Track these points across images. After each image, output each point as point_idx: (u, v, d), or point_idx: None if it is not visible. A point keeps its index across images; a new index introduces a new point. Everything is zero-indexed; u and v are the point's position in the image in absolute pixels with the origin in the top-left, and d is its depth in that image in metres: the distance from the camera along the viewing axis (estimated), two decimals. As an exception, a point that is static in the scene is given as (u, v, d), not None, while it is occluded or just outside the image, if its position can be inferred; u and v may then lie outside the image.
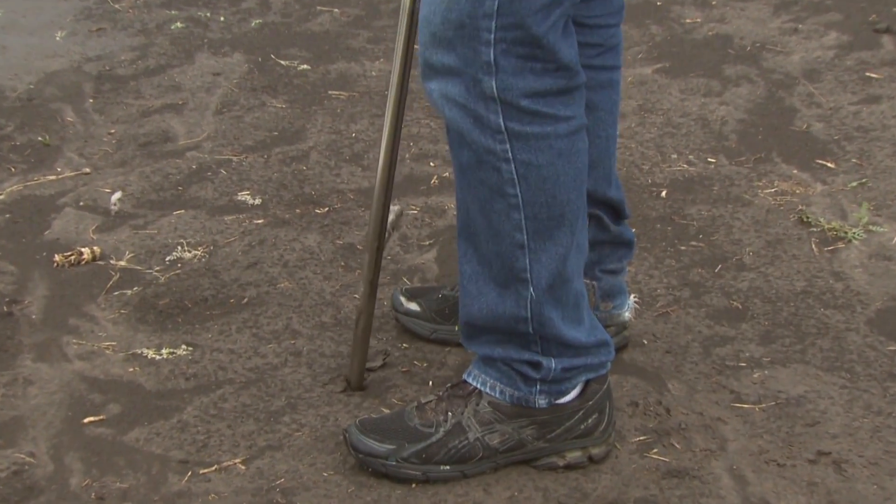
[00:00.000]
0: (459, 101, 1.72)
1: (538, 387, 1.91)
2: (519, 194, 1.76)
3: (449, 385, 1.97)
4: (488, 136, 1.72)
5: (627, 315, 2.25)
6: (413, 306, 2.28)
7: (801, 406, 2.11)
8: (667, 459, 1.99)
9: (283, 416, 2.11)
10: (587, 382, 1.94)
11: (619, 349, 2.24)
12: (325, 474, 1.96)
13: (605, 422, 1.95)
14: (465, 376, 1.95)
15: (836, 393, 2.15)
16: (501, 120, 1.71)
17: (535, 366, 1.89)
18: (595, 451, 1.95)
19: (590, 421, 1.94)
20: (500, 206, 1.77)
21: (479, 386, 1.93)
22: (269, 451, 2.02)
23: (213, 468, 1.99)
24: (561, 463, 1.94)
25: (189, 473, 1.97)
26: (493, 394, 1.92)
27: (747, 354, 2.26)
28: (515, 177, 1.74)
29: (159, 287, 2.51)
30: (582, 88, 1.75)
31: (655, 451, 2.01)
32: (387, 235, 2.02)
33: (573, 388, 1.93)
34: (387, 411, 2.09)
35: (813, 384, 2.17)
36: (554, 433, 1.93)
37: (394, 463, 1.90)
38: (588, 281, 2.18)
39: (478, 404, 1.91)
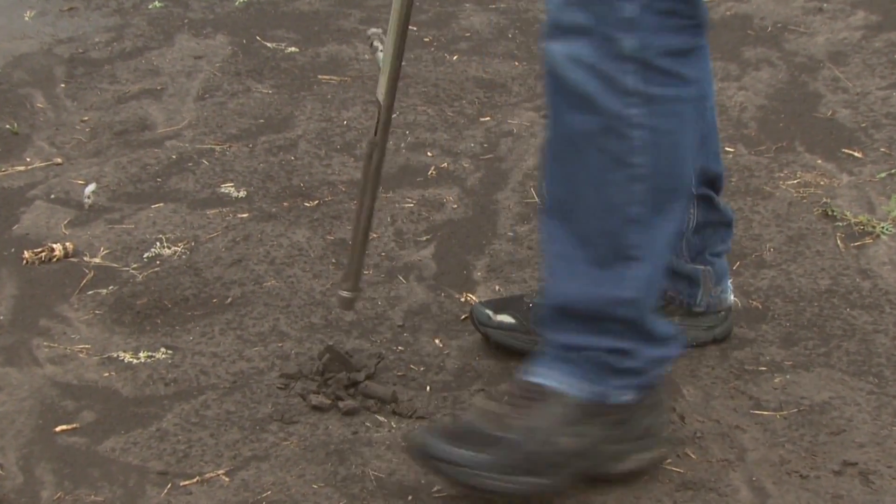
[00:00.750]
0: (588, 61, 1.70)
1: (620, 380, 1.89)
2: (643, 164, 1.75)
3: (515, 386, 1.93)
4: (619, 99, 1.71)
5: (732, 297, 2.30)
6: (506, 318, 2.24)
7: (825, 413, 2.11)
8: (681, 470, 1.99)
9: (269, 425, 2.11)
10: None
11: (724, 338, 2.29)
12: (315, 486, 1.96)
13: (665, 422, 1.95)
14: (530, 377, 1.92)
15: (862, 399, 2.15)
16: (636, 81, 1.70)
17: (624, 354, 1.87)
18: (657, 453, 1.95)
19: (654, 420, 1.94)
20: (618, 177, 1.76)
21: (550, 384, 1.90)
22: (254, 461, 2.03)
23: (195, 480, 1.99)
24: (630, 466, 1.93)
25: (169, 486, 1.98)
26: (567, 392, 1.89)
27: (768, 358, 2.26)
28: (644, 144, 1.74)
29: (137, 286, 2.51)
30: (703, 49, 1.76)
31: (669, 461, 2.01)
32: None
33: (653, 381, 1.92)
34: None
35: (838, 390, 2.17)
36: (626, 432, 1.92)
37: (484, 473, 1.85)
38: (702, 267, 2.23)
39: (551, 406, 1.89)
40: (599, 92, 1.72)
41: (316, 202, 2.83)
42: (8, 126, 3.18)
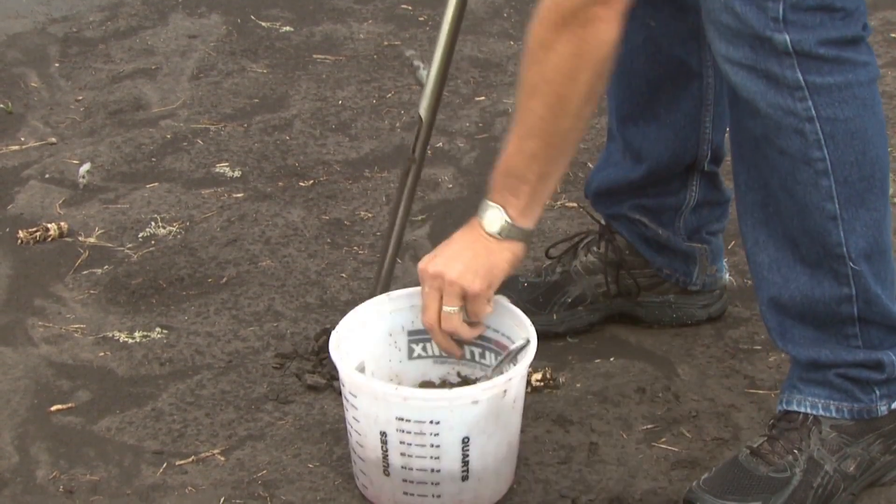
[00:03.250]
0: (747, 63, 1.69)
1: (879, 390, 1.84)
2: (826, 157, 1.72)
3: (772, 420, 1.89)
4: (786, 94, 1.69)
5: (727, 276, 2.31)
6: (502, 301, 2.24)
7: (820, 392, 2.11)
8: (676, 449, 1.99)
9: (264, 404, 2.11)
10: None
11: (719, 316, 2.29)
12: (311, 466, 1.96)
13: None
14: (787, 406, 1.87)
15: (857, 378, 2.15)
16: (799, 74, 1.68)
17: (875, 366, 1.82)
18: None
19: None
20: (805, 176, 1.73)
21: (812, 411, 1.85)
22: (249, 441, 2.03)
23: (190, 459, 1.99)
24: None
25: (164, 465, 1.98)
26: (831, 415, 1.84)
27: (762, 337, 2.26)
28: (821, 137, 1.71)
29: (131, 266, 2.51)
30: (867, 31, 1.74)
31: (664, 440, 2.01)
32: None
33: None
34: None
35: (833, 368, 2.18)
36: None
37: None
38: (698, 245, 2.23)
39: (820, 432, 1.84)
40: (763, 91, 1.69)
41: (311, 182, 2.82)
42: (2, 105, 3.16)
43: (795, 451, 1.83)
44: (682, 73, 2.09)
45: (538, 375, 2.14)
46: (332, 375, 2.14)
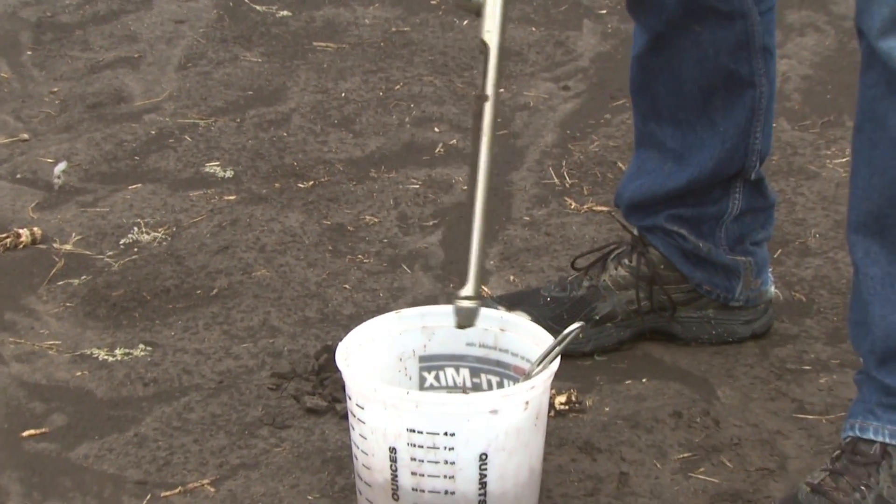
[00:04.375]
0: None
1: None
2: None
3: (837, 451, 1.88)
4: None
5: (773, 289, 2.31)
6: (521, 320, 2.23)
7: (876, 417, 2.12)
8: (716, 480, 2.00)
9: (259, 429, 2.12)
10: None
11: (764, 333, 2.29)
12: (310, 498, 1.97)
13: None
14: (861, 433, 1.86)
15: (918, 402, 2.15)
16: None
17: None
18: None
19: None
20: None
21: (891, 440, 1.84)
22: (242, 470, 2.03)
23: (177, 490, 2.00)
24: None
25: (148, 496, 1.99)
26: None
27: (812, 356, 2.26)
28: None
29: (112, 276, 2.52)
30: None
31: (702, 470, 2.01)
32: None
33: None
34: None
35: (890, 391, 2.18)
36: None
37: None
38: (742, 258, 2.24)
39: (891, 467, 1.83)
40: None
41: (311, 183, 2.83)
42: (-31, 98, 3.18)
43: (863, 487, 1.82)
44: (733, 82, 2.13)
45: (562, 398, 2.14)
46: (334, 397, 2.15)
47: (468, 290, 1.79)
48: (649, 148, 2.22)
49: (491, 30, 1.85)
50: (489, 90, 1.82)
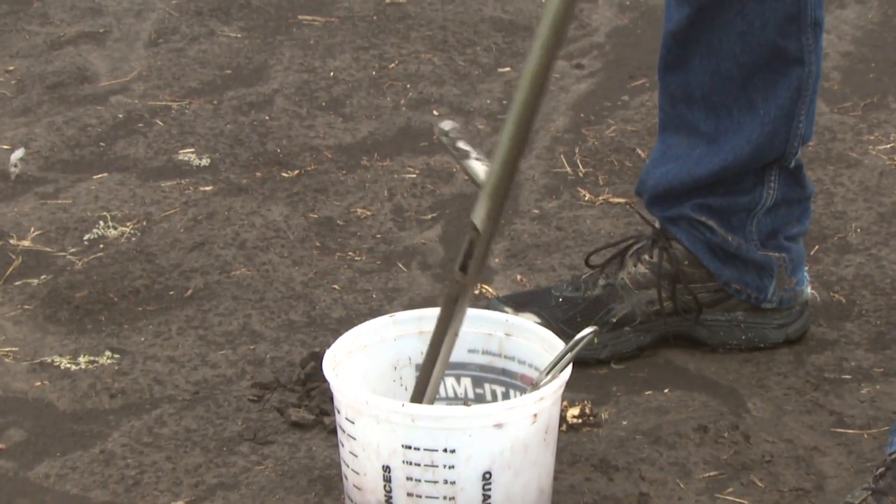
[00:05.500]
0: None
1: None
2: None
3: (881, 469, 1.88)
4: None
5: (809, 290, 2.32)
6: (530, 317, 2.23)
7: (923, 432, 2.12)
8: (746, 502, 2.00)
9: (239, 446, 2.12)
10: None
11: (799, 338, 2.30)
12: (295, 521, 1.98)
13: None
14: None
15: (970, 414, 2.16)
16: None
17: None
18: None
19: None
20: None
21: None
22: (220, 490, 2.04)
23: (148, 513, 2.00)
24: None
25: (116, 520, 1.99)
26: None
27: (853, 364, 2.27)
28: None
29: (75, 275, 2.52)
30: None
31: (730, 490, 2.02)
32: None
33: None
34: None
35: (940, 403, 2.18)
36: None
37: None
38: (775, 254, 2.25)
39: None
40: None
41: (296, 172, 2.83)
42: (-84, 78, 3.19)
43: None
44: (779, 58, 2.13)
45: (575, 411, 2.15)
46: (322, 410, 2.16)
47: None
48: (677, 132, 2.23)
49: (483, 214, 1.74)
50: (469, 276, 1.78)
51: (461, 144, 1.79)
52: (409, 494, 1.79)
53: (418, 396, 1.86)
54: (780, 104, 2.16)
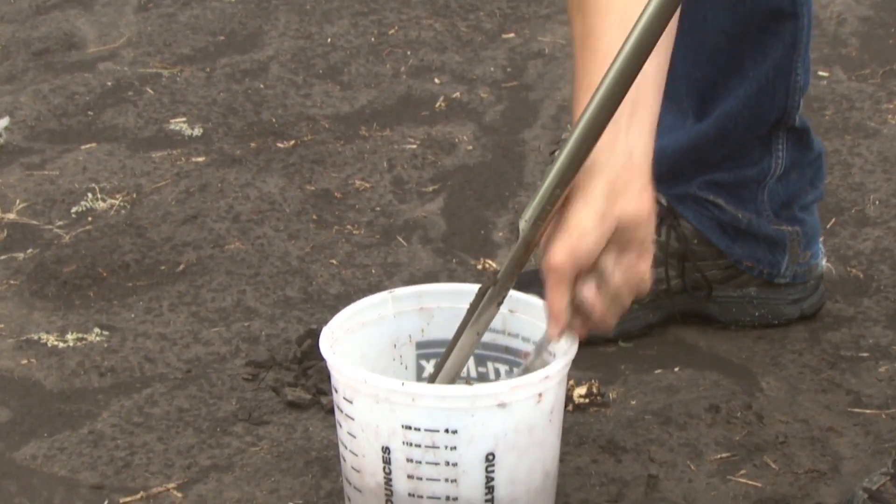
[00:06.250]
0: None
1: None
2: None
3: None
4: None
5: (824, 263, 2.32)
6: (533, 301, 2.24)
7: (943, 412, 2.13)
8: (759, 484, 2.00)
9: (233, 426, 2.12)
10: None
11: (814, 314, 2.30)
12: (292, 504, 1.98)
13: None
14: None
15: None
16: None
17: None
18: None
19: None
20: None
21: None
22: (214, 472, 2.04)
23: (138, 496, 2.00)
24: None
25: (105, 503, 1.99)
26: None
27: (871, 341, 2.27)
28: None
29: (63, 249, 2.52)
30: None
31: (743, 472, 2.02)
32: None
33: None
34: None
35: (960, 382, 2.19)
36: None
37: None
38: (788, 227, 2.25)
39: None
40: None
41: (292, 142, 2.83)
42: None
43: None
44: (771, 17, 2.12)
45: (582, 390, 2.15)
46: (319, 389, 2.16)
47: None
48: (669, 100, 2.22)
49: (528, 217, 1.74)
50: (501, 274, 1.81)
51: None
52: (410, 476, 1.79)
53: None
54: (776, 63, 2.14)
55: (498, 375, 1.98)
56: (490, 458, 1.78)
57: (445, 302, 1.95)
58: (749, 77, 2.14)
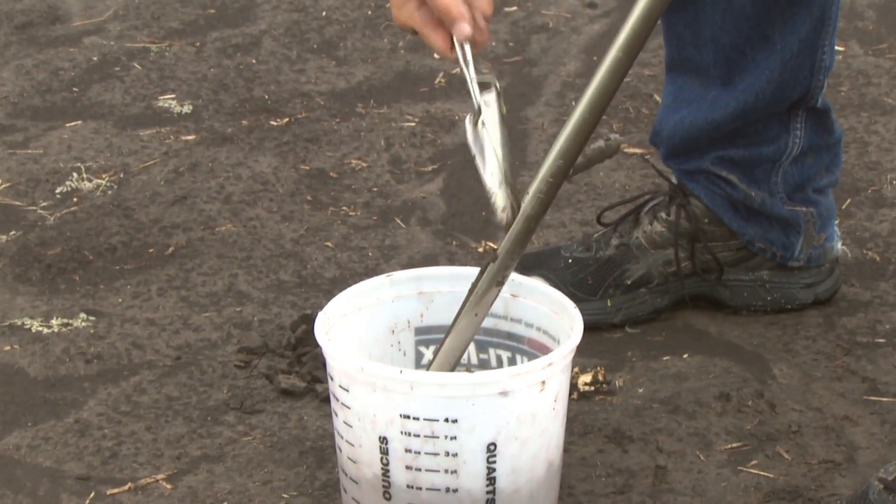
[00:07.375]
0: None
1: None
2: None
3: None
4: None
5: (840, 246, 2.32)
6: (536, 284, 2.23)
7: (963, 400, 2.13)
8: (771, 475, 2.01)
9: (224, 415, 2.13)
10: None
11: (829, 299, 2.30)
12: (286, 496, 1.98)
13: None
14: None
15: None
16: None
17: None
18: None
19: None
20: None
21: None
22: (205, 463, 2.04)
23: (126, 487, 2.01)
24: None
25: (91, 494, 2.00)
26: None
27: (887, 327, 2.27)
28: None
29: (47, 231, 2.52)
30: None
31: (754, 462, 2.03)
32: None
33: None
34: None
35: (980, 369, 2.19)
36: None
37: None
38: (803, 209, 2.25)
39: None
40: None
41: (285, 120, 2.83)
42: None
43: None
44: None
45: (587, 377, 2.15)
46: (314, 377, 2.16)
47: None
48: (686, 73, 2.22)
49: (530, 197, 1.83)
50: (501, 250, 1.83)
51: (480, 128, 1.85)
52: (408, 467, 1.79)
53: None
54: (803, 37, 2.14)
55: (500, 363, 1.99)
56: (491, 448, 1.78)
57: (445, 286, 1.95)
58: (777, 49, 2.14)
